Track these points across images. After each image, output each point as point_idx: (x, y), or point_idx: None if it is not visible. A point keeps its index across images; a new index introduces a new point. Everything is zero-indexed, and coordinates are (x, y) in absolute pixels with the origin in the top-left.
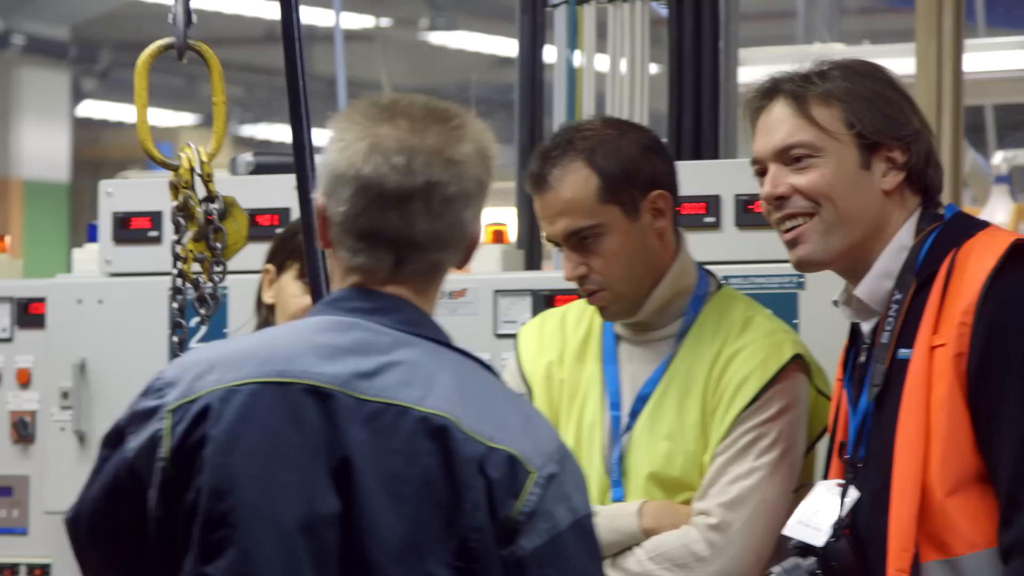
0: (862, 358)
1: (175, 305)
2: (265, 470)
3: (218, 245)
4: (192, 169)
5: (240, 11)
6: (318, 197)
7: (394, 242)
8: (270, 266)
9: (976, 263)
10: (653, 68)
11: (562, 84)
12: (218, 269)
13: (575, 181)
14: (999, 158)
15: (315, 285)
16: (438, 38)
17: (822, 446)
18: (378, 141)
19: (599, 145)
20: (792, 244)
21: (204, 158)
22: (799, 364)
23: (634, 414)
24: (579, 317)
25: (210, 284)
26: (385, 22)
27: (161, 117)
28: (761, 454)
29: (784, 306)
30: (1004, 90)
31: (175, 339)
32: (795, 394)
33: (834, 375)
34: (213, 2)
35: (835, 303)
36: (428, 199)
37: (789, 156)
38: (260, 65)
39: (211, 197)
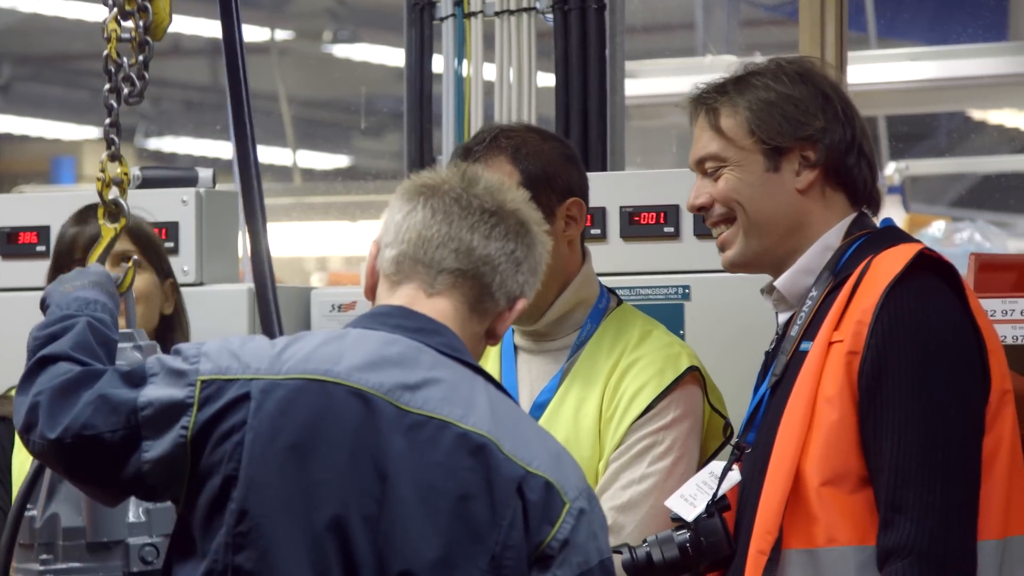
0: (771, 347)
1: (107, 88)
2: (303, 466)
3: (142, 23)
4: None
5: None
6: (373, 248)
7: (455, 251)
8: None
9: (885, 268)
10: (546, 79)
11: (450, 95)
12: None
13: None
14: (891, 169)
15: (265, 313)
16: (341, 51)
17: None
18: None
19: (523, 145)
20: (720, 249)
21: None
22: (695, 377)
23: None
24: None
25: (136, 63)
26: (288, 35)
27: (65, 131)
28: (655, 460)
29: (670, 317)
30: (896, 101)
31: (107, 122)
32: (690, 404)
33: (722, 387)
34: None
35: (761, 291)
36: (496, 223)
37: (705, 167)
38: (167, 78)
39: None
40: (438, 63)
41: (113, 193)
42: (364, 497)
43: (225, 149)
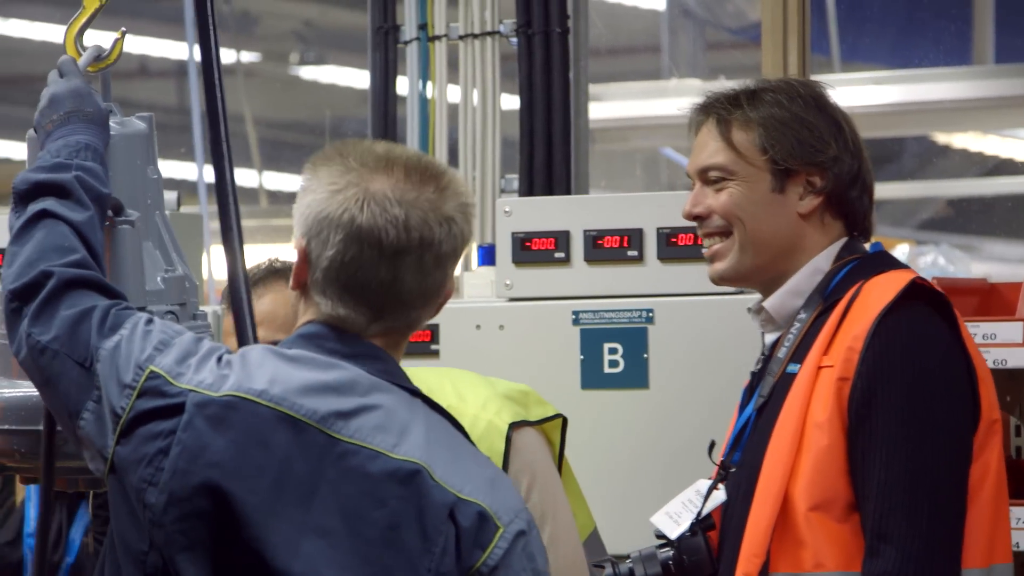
0: (758, 367)
1: None
2: (224, 486)
3: None
4: None
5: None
6: (299, 239)
7: (380, 296)
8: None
9: (877, 296)
10: (510, 102)
11: (415, 118)
12: None
13: None
14: None
15: (240, 328)
16: (308, 73)
17: None
18: (374, 191)
19: None
20: (710, 260)
21: None
22: (515, 429)
23: None
24: None
25: None
26: (255, 57)
27: (14, 150)
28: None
29: (634, 340)
30: (859, 125)
31: None
32: (530, 460)
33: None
34: (85, 37)
35: (749, 310)
36: (421, 256)
37: (708, 177)
38: (134, 100)
39: None
40: (403, 85)
41: None
42: (285, 524)
43: (190, 171)
